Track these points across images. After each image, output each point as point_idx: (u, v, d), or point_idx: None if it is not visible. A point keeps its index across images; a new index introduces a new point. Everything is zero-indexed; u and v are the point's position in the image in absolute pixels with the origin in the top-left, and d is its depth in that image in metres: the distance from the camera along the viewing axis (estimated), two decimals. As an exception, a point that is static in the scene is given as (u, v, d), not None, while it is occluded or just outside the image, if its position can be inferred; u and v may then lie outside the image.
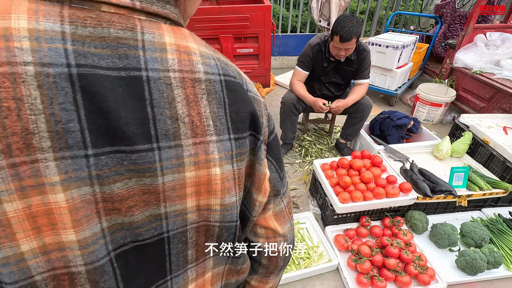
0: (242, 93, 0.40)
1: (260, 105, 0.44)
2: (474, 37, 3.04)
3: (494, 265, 1.60)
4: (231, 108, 0.38)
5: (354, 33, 1.91)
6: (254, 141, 0.42)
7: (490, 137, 2.09)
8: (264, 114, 0.44)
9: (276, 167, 0.48)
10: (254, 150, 0.43)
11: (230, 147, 0.39)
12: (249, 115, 0.40)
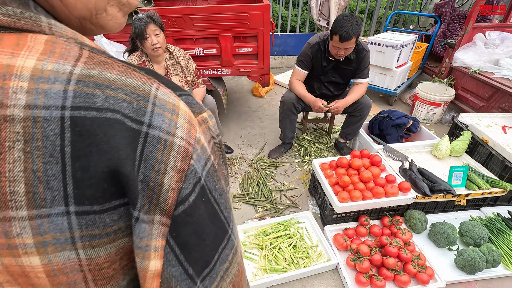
0: (111, 137, 0.25)
1: (170, 153, 0.27)
2: (473, 36, 3.04)
3: (493, 264, 1.60)
4: (76, 163, 0.25)
5: (354, 32, 1.91)
6: (126, 216, 0.28)
7: (489, 136, 2.09)
8: (172, 170, 0.27)
9: (180, 258, 0.29)
10: (129, 229, 0.28)
11: (67, 226, 0.26)
12: (114, 174, 0.26)
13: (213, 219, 0.31)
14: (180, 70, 2.19)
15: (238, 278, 0.35)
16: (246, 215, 2.06)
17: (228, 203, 0.34)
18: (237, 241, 0.36)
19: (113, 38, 2.40)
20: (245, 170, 2.47)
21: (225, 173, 0.36)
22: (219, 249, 0.32)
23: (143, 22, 1.86)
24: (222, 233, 0.32)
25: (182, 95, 0.32)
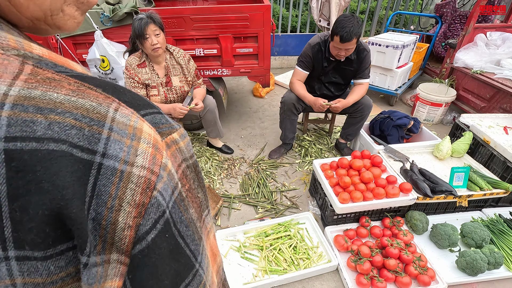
0: (54, 174, 0.22)
1: (127, 186, 0.24)
2: (474, 36, 3.03)
3: (494, 266, 1.59)
4: (13, 203, 0.21)
5: (355, 33, 1.90)
6: (76, 259, 0.25)
7: (491, 137, 2.08)
8: (129, 205, 0.24)
9: None
10: (78, 275, 0.25)
11: (6, 273, 0.22)
12: (57, 216, 0.22)
13: (176, 255, 0.28)
14: (180, 71, 2.19)
15: None
16: (246, 215, 2.05)
17: (196, 234, 0.30)
18: (206, 275, 0.32)
19: (113, 39, 2.40)
20: (246, 171, 2.46)
21: (200, 198, 0.32)
22: (181, 287, 0.29)
23: (143, 22, 1.85)
24: (185, 270, 0.29)
25: (147, 114, 0.28)
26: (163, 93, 2.15)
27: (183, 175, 0.30)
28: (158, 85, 2.13)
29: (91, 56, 2.40)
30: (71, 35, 2.35)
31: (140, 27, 1.86)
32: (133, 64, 2.03)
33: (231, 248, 1.76)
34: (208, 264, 0.33)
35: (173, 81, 2.18)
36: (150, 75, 2.09)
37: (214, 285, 0.35)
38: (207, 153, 2.61)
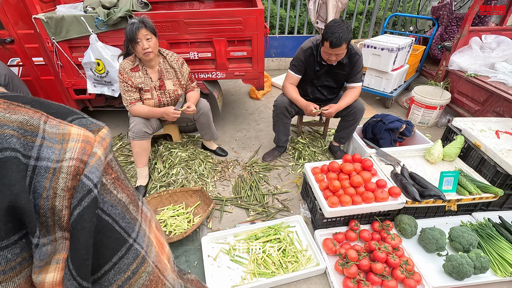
0: (4, 176, 0.26)
1: (59, 177, 0.29)
2: (469, 39, 3.03)
3: (481, 270, 1.61)
4: None
5: (344, 39, 1.91)
6: (29, 245, 0.29)
7: (482, 141, 2.09)
8: (63, 191, 0.29)
9: (73, 272, 0.30)
10: (32, 258, 0.29)
11: None
12: (9, 210, 0.26)
13: (104, 230, 0.32)
14: (174, 74, 2.21)
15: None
16: (238, 218, 2.07)
17: (128, 214, 0.35)
18: (148, 253, 0.36)
19: (108, 42, 2.43)
20: (239, 173, 2.49)
21: (130, 188, 0.37)
22: (114, 258, 0.33)
23: (134, 26, 1.88)
24: (117, 244, 0.33)
25: (74, 119, 0.33)
26: (156, 97, 2.18)
27: (108, 165, 0.35)
28: (151, 89, 2.15)
29: (86, 60, 2.43)
30: (66, 38, 2.38)
31: (131, 32, 1.89)
32: (126, 68, 2.05)
33: (221, 250, 1.78)
34: (152, 246, 0.38)
35: (166, 84, 2.20)
36: (144, 79, 2.11)
37: (167, 268, 0.40)
38: (201, 155, 2.63)
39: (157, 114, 2.15)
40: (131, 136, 2.13)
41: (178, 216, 2.01)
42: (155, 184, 2.32)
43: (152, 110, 2.13)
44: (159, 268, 0.38)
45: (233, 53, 2.53)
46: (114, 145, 2.85)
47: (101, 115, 3.42)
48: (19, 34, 2.43)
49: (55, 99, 2.81)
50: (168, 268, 0.41)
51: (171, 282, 0.40)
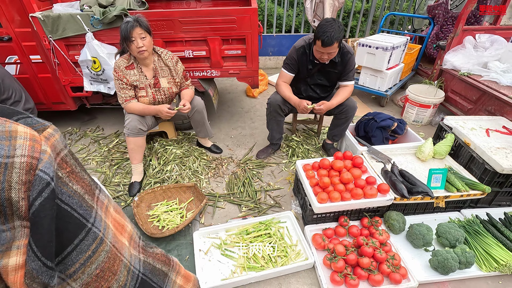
0: None
1: (12, 171, 0.32)
2: (463, 38, 3.05)
3: (466, 265, 1.64)
4: None
5: (336, 37, 1.94)
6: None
7: (471, 139, 2.12)
8: (18, 184, 0.32)
9: (38, 254, 0.34)
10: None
11: None
12: None
13: (64, 217, 0.37)
14: (168, 72, 2.24)
15: (109, 264, 0.42)
16: (230, 214, 2.11)
17: (85, 203, 0.40)
18: (106, 235, 0.42)
19: (104, 41, 2.46)
20: (233, 170, 2.52)
21: (87, 179, 0.42)
22: (75, 241, 0.38)
23: (129, 25, 1.91)
24: (77, 228, 0.38)
25: (20, 119, 0.36)
26: (151, 94, 2.21)
27: (62, 160, 0.39)
28: (146, 86, 2.19)
29: (82, 58, 2.47)
30: (63, 37, 2.41)
31: (126, 30, 1.92)
32: (121, 66, 2.08)
33: (213, 245, 1.82)
34: (109, 229, 0.44)
35: (161, 82, 2.23)
36: (138, 77, 2.14)
37: (125, 246, 0.46)
38: (196, 152, 2.67)
39: (151, 111, 2.18)
40: (126, 133, 2.17)
41: (171, 211, 2.05)
42: (149, 180, 2.36)
43: (146, 108, 2.17)
44: (116, 247, 0.44)
45: (228, 52, 2.56)
46: (111, 142, 2.88)
47: (98, 113, 3.46)
48: (17, 32, 2.46)
49: (53, 96, 2.85)
50: (125, 247, 0.46)
51: (127, 258, 0.46)
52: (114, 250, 0.43)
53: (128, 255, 0.46)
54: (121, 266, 0.44)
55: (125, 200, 2.21)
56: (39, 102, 2.85)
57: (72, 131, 3.12)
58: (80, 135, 3.05)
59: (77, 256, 0.38)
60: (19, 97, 2.35)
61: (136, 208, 2.01)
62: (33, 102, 2.51)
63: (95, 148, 2.83)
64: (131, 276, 0.46)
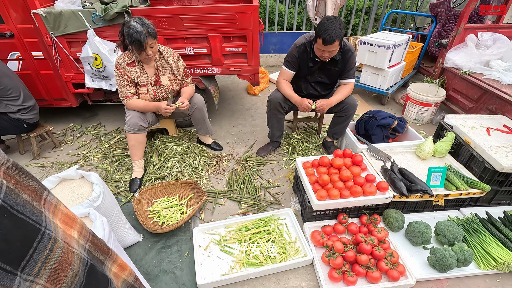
0: None
1: None
2: (465, 37, 3.04)
3: (464, 263, 1.64)
4: None
5: (337, 36, 1.94)
6: None
7: (472, 138, 2.12)
8: None
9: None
10: None
11: None
12: None
13: (20, 225, 0.42)
14: (169, 70, 2.25)
15: (64, 257, 0.50)
16: (230, 211, 2.12)
17: (35, 209, 0.46)
18: (57, 232, 0.50)
19: (106, 37, 2.47)
20: (233, 167, 2.53)
21: (33, 185, 0.47)
22: (34, 244, 0.45)
23: (142, 36, 1.91)
24: (33, 233, 0.45)
25: None
26: (152, 92, 2.22)
27: (5, 174, 0.42)
28: (147, 84, 2.19)
29: (84, 54, 2.48)
30: (65, 33, 2.43)
31: (138, 41, 1.92)
32: (123, 63, 2.09)
33: (212, 241, 1.84)
34: (58, 228, 0.51)
35: (162, 80, 2.24)
36: (140, 74, 2.15)
37: (74, 239, 0.55)
38: (196, 149, 2.68)
39: (151, 108, 2.19)
40: (126, 129, 2.18)
41: (171, 207, 2.06)
42: (150, 176, 2.38)
43: (147, 104, 2.18)
44: (67, 242, 0.53)
45: (228, 49, 2.56)
46: (112, 138, 2.90)
47: (99, 109, 3.48)
48: (19, 28, 2.48)
49: (54, 93, 2.87)
50: (74, 239, 0.55)
51: (78, 249, 0.56)
52: (66, 245, 0.52)
53: (77, 246, 0.55)
54: (74, 256, 0.53)
55: (126, 196, 2.23)
56: (41, 98, 2.87)
57: (74, 128, 3.14)
58: (82, 132, 3.06)
59: (38, 256, 0.45)
60: (16, 95, 2.36)
61: (137, 204, 2.03)
62: (34, 100, 2.52)
63: (96, 145, 2.85)
64: (82, 263, 0.55)
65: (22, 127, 2.48)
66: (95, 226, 1.21)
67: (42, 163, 2.61)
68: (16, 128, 2.46)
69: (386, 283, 1.59)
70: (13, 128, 2.46)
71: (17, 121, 2.42)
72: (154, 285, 1.62)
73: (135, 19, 1.96)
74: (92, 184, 1.54)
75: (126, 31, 1.95)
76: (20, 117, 2.42)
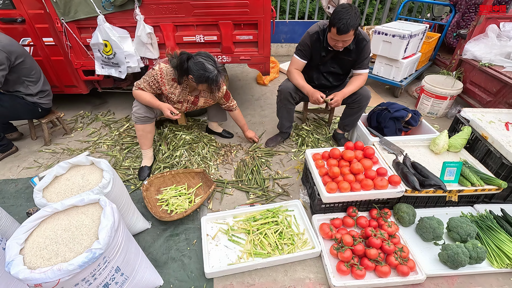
0: None
1: None
2: (486, 27, 2.90)
3: (476, 260, 1.60)
4: None
5: (352, 25, 1.86)
6: None
7: (489, 133, 2.04)
8: None
9: None
10: None
11: None
12: None
13: None
14: (208, 95, 2.26)
15: None
16: (238, 200, 2.11)
17: None
18: None
19: (116, 24, 2.44)
20: (241, 158, 2.51)
21: None
22: None
23: (219, 79, 1.93)
24: None
25: None
26: (184, 108, 2.24)
27: None
28: (184, 101, 2.19)
29: (94, 41, 2.46)
30: (75, 19, 2.41)
31: (215, 81, 1.93)
32: (169, 76, 2.03)
33: (220, 230, 1.84)
34: None
35: (199, 101, 2.25)
36: (180, 92, 2.11)
37: None
38: (205, 139, 2.67)
39: (154, 106, 2.10)
40: (133, 120, 2.17)
41: (180, 196, 2.07)
42: (159, 165, 2.38)
43: (152, 101, 2.08)
44: None
45: (239, 37, 2.51)
46: (122, 126, 2.91)
47: (109, 97, 3.49)
48: (30, 14, 2.47)
49: (65, 79, 2.87)
50: None
51: None
52: None
53: None
54: None
55: (135, 184, 2.24)
56: (52, 85, 2.88)
57: (84, 115, 3.16)
58: (92, 119, 3.08)
59: None
60: (37, 77, 2.42)
61: (146, 192, 2.04)
62: (49, 85, 2.56)
63: (106, 132, 2.86)
64: None
65: (36, 112, 2.51)
66: (105, 212, 1.21)
67: (53, 149, 2.64)
68: (30, 112, 2.49)
69: (395, 278, 1.57)
70: (27, 112, 2.48)
71: (33, 105, 2.45)
72: (162, 272, 1.63)
73: (207, 60, 1.88)
74: (102, 171, 1.54)
75: (199, 74, 1.88)
76: (37, 101, 2.45)
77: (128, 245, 1.33)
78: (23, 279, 1.00)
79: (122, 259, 1.27)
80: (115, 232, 1.20)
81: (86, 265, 1.05)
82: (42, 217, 1.22)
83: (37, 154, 2.59)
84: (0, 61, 2.13)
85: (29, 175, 2.34)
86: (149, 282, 1.48)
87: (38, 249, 1.11)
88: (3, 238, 1.42)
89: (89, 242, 1.14)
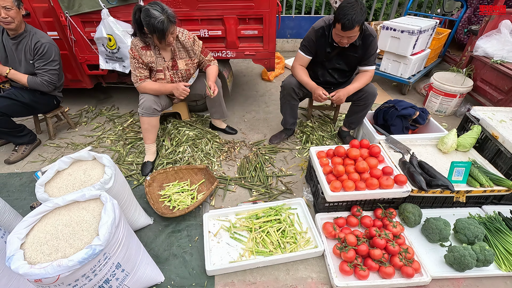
0: None
1: None
2: (499, 23, 2.81)
3: (484, 263, 1.56)
4: None
5: (357, 21, 1.81)
6: None
7: (500, 132, 1.98)
8: None
9: None
10: None
11: None
12: None
13: None
14: (186, 54, 2.20)
15: None
16: (241, 198, 2.10)
17: None
18: None
19: (120, 18, 2.43)
20: (245, 154, 2.49)
21: None
22: None
23: (164, 26, 1.83)
24: None
25: None
26: (169, 77, 2.18)
27: None
28: (164, 69, 2.15)
29: (98, 35, 2.45)
30: (79, 13, 2.39)
31: (161, 30, 1.84)
32: (138, 46, 2.04)
33: (222, 227, 1.82)
34: None
35: (179, 64, 2.19)
36: (155, 59, 2.10)
37: None
38: (209, 135, 2.65)
39: (168, 89, 2.15)
40: (140, 113, 2.16)
41: (182, 192, 2.06)
42: (162, 160, 2.37)
43: (162, 86, 2.14)
44: None
45: (244, 32, 2.47)
46: (126, 121, 2.91)
47: (113, 92, 3.48)
48: (34, 7, 2.46)
49: (70, 74, 2.87)
50: None
51: None
52: None
53: None
54: None
55: (138, 179, 2.24)
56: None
57: (89, 109, 3.16)
58: (96, 113, 3.09)
59: None
60: (61, 70, 2.45)
61: (148, 188, 2.03)
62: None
63: (110, 127, 2.86)
64: None
65: (52, 104, 2.56)
66: (105, 208, 1.20)
67: (57, 143, 2.65)
68: (48, 105, 2.53)
69: (399, 279, 1.54)
70: (45, 106, 2.51)
71: (50, 98, 2.49)
72: (163, 268, 1.63)
73: (153, 6, 1.83)
74: (104, 166, 1.53)
75: (146, 21, 1.84)
76: (56, 93, 2.51)
77: (129, 241, 1.32)
78: (23, 274, 0.99)
79: (123, 255, 1.26)
80: (115, 228, 1.19)
81: (86, 261, 1.04)
82: (43, 212, 1.21)
83: (42, 148, 2.61)
84: (56, 56, 2.27)
85: (33, 169, 2.35)
86: (150, 278, 1.47)
87: (38, 244, 1.11)
88: (6, 232, 1.43)
89: (89, 238, 1.14)
